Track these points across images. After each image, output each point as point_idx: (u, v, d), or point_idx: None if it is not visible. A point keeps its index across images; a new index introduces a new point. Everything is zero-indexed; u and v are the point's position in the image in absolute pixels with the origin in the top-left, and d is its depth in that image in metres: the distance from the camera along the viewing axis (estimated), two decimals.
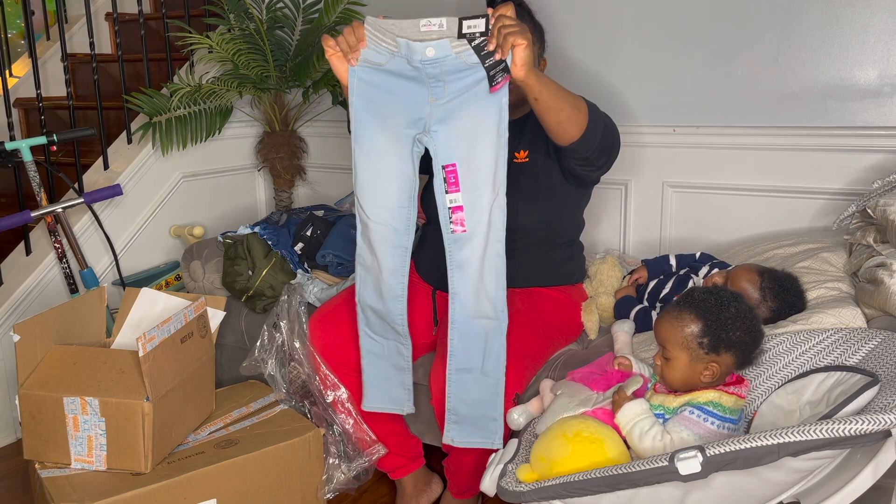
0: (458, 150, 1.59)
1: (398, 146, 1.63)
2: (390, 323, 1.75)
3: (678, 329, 1.39)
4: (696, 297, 1.42)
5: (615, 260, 2.09)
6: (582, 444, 1.34)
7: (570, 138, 1.65)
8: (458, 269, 1.64)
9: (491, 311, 1.64)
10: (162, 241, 2.80)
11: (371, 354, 1.80)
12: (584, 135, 1.65)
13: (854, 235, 1.82)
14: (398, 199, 1.66)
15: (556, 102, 1.57)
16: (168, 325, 1.63)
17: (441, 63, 1.53)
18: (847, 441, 1.10)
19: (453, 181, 1.59)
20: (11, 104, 2.97)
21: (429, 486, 2.02)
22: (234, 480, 1.69)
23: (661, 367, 1.42)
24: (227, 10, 2.61)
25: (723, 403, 1.36)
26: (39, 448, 1.68)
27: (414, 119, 1.60)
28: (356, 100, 1.62)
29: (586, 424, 1.39)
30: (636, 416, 1.38)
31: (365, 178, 1.66)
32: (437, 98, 1.58)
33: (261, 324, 2.22)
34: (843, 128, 2.09)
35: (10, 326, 2.43)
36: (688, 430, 1.34)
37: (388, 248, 1.69)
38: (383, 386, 1.80)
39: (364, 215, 1.69)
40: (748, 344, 1.40)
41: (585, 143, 1.67)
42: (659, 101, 2.33)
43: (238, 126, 2.95)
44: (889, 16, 2.00)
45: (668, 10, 2.27)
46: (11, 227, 2.16)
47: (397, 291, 1.72)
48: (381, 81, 1.60)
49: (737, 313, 1.39)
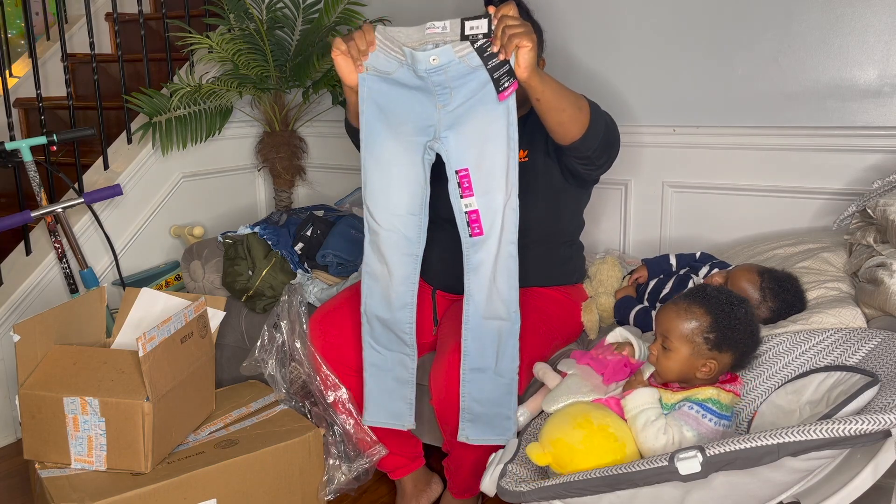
0: (468, 155, 1.59)
1: (409, 153, 1.64)
2: (397, 333, 1.75)
3: (685, 321, 1.39)
4: (709, 293, 1.42)
5: (615, 260, 2.09)
6: (608, 440, 1.34)
7: (572, 137, 1.66)
8: (474, 272, 1.64)
9: (504, 312, 1.65)
10: (162, 241, 2.80)
11: (374, 367, 1.79)
12: (585, 134, 1.65)
13: (854, 235, 1.82)
14: (410, 206, 1.67)
15: (559, 102, 1.58)
16: (168, 325, 1.63)
17: (446, 70, 1.54)
18: (847, 441, 1.10)
19: (467, 185, 1.60)
20: (11, 104, 2.97)
21: (429, 485, 2.02)
22: (234, 480, 1.69)
23: (658, 356, 1.41)
24: (227, 10, 2.61)
25: (721, 401, 1.37)
26: (39, 448, 1.68)
27: (423, 126, 1.61)
28: (366, 108, 1.63)
29: (612, 419, 1.38)
30: (645, 403, 1.38)
31: (375, 185, 1.67)
32: (444, 105, 1.59)
33: (261, 324, 2.22)
34: (843, 128, 2.09)
35: (10, 326, 2.43)
36: (687, 426, 1.34)
37: (399, 256, 1.70)
38: (385, 400, 1.81)
39: (374, 223, 1.69)
40: (749, 347, 1.41)
41: (587, 142, 1.67)
42: (659, 101, 2.33)
43: (238, 126, 2.95)
44: (889, 16, 2.00)
45: (668, 11, 2.27)
46: (11, 227, 2.16)
47: (406, 299, 1.73)
48: (390, 90, 1.61)
49: (745, 316, 1.40)
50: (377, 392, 1.80)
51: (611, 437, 1.35)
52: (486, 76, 1.52)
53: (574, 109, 1.61)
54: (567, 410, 1.42)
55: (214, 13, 2.70)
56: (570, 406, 1.43)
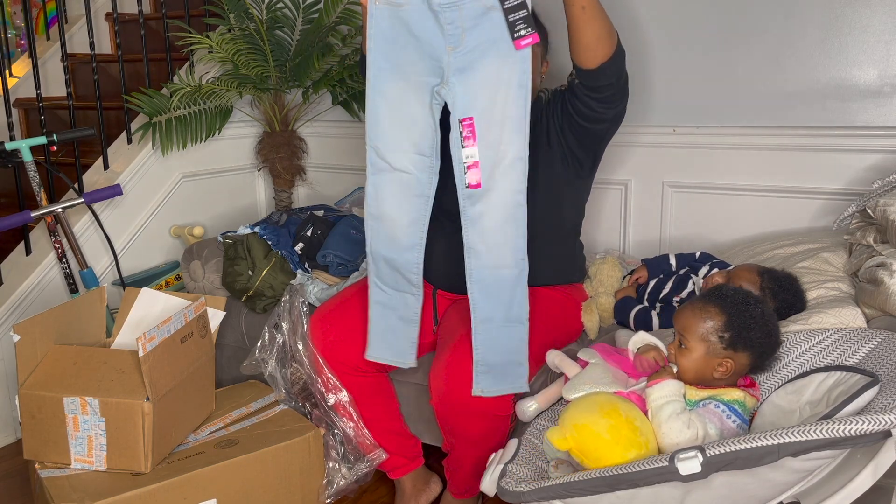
0: (476, 103, 1.56)
1: (419, 93, 1.61)
2: (404, 273, 1.73)
3: (701, 320, 1.39)
4: (725, 292, 1.42)
5: (615, 260, 2.09)
6: (634, 434, 1.33)
7: (604, 56, 1.62)
8: (472, 224, 1.63)
9: (511, 259, 1.63)
10: (162, 241, 2.80)
11: (379, 305, 1.78)
12: (614, 55, 1.63)
13: (854, 235, 1.82)
14: (420, 145, 1.64)
15: (601, 12, 1.56)
16: (168, 325, 1.63)
17: (460, 6, 1.51)
18: (847, 441, 1.10)
19: (469, 135, 1.57)
20: (11, 104, 2.97)
21: (427, 485, 2.02)
22: (234, 480, 1.69)
23: (675, 354, 1.41)
24: (227, 10, 2.61)
25: (746, 404, 1.37)
26: (39, 448, 1.68)
27: (433, 67, 1.58)
28: (374, 43, 1.59)
29: (637, 413, 1.37)
30: (671, 394, 1.37)
31: (384, 123, 1.63)
32: (455, 47, 1.55)
33: (261, 324, 2.22)
34: (843, 128, 2.09)
35: (10, 326, 2.43)
36: (711, 424, 1.34)
37: (410, 197, 1.67)
38: (388, 337, 1.79)
39: (381, 162, 1.66)
40: (766, 347, 1.40)
41: (615, 63, 1.65)
42: (659, 101, 2.33)
43: (238, 126, 2.95)
44: (889, 16, 2.00)
45: (668, 11, 2.26)
46: (11, 227, 2.16)
47: (415, 240, 1.70)
48: (401, 28, 1.57)
49: (762, 315, 1.39)
50: (381, 329, 1.79)
51: (636, 431, 1.33)
52: (501, 19, 1.49)
53: (609, 24, 1.60)
54: (593, 398, 1.40)
55: (214, 13, 2.70)
56: (595, 394, 1.42)
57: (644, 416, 1.38)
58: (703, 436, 1.33)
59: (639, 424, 1.35)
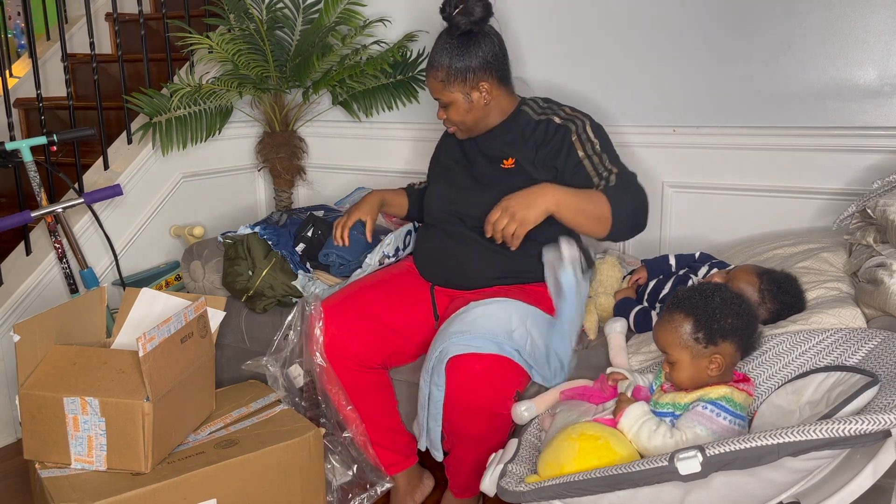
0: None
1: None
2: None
3: (672, 331, 1.41)
4: (681, 296, 1.44)
5: (615, 260, 2.09)
6: (588, 441, 1.34)
7: (603, 232, 1.79)
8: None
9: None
10: (162, 241, 2.80)
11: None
12: (610, 233, 1.79)
13: (854, 235, 1.82)
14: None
15: (576, 218, 1.75)
16: (168, 325, 1.63)
17: None
18: (847, 441, 1.10)
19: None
20: (11, 104, 2.97)
21: (421, 481, 2.04)
22: (234, 480, 1.69)
23: (670, 371, 1.43)
24: (227, 10, 2.61)
25: (734, 399, 1.37)
26: (39, 448, 1.68)
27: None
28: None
29: (590, 425, 1.40)
30: (640, 416, 1.38)
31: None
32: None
33: (261, 324, 2.22)
34: (843, 128, 2.09)
35: (10, 326, 2.43)
36: (701, 426, 1.34)
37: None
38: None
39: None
40: (743, 328, 1.41)
41: (614, 237, 1.81)
42: (659, 102, 2.33)
43: (238, 126, 2.95)
44: (889, 16, 2.00)
45: (668, 11, 2.27)
46: (11, 227, 2.16)
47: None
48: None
49: (722, 302, 1.40)
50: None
51: (592, 438, 1.35)
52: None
53: (593, 223, 1.76)
54: (554, 436, 1.42)
55: (214, 13, 2.70)
56: (557, 432, 1.44)
57: (606, 427, 1.39)
58: (690, 438, 1.33)
59: (604, 434, 1.36)
